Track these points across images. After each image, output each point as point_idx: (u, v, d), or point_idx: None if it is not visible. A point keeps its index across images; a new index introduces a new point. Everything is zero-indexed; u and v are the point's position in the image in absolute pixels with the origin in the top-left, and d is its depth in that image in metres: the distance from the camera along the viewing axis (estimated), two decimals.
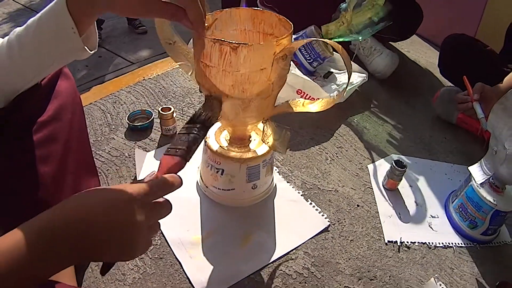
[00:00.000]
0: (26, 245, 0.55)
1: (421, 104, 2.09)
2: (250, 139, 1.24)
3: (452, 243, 1.39)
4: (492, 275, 1.29)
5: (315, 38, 1.80)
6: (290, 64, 1.05)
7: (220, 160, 1.16)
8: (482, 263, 1.33)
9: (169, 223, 1.15)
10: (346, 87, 1.13)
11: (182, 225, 1.19)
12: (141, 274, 1.07)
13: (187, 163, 0.79)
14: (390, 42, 2.44)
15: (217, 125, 1.26)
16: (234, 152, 1.17)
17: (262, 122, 1.13)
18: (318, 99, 1.16)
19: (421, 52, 2.58)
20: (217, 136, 1.22)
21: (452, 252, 1.35)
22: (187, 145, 0.81)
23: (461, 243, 1.40)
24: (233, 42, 0.86)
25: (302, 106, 1.15)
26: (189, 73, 1.14)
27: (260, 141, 1.21)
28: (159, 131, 1.51)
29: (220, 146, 1.18)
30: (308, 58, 1.88)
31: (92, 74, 3.67)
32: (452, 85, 2.06)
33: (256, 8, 1.08)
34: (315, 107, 1.14)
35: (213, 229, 1.20)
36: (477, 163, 1.40)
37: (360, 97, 1.95)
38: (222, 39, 0.86)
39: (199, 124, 0.88)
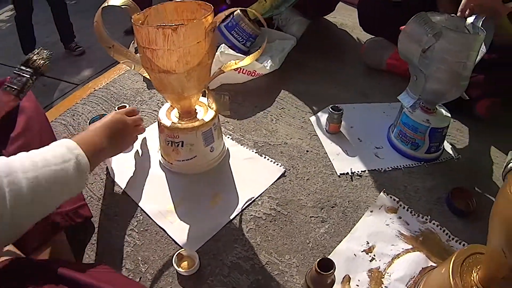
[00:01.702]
0: (99, 137, 1.07)
1: (351, 59, 2.25)
2: (196, 111, 1.37)
3: (400, 165, 1.54)
4: (443, 187, 1.43)
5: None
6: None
7: (178, 133, 1.30)
8: (432, 178, 1.48)
9: (146, 200, 1.32)
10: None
11: (157, 199, 1.32)
12: (132, 247, 1.19)
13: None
14: None
15: (166, 105, 1.40)
16: (187, 124, 1.31)
17: (203, 94, 1.30)
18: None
19: (347, 16, 2.73)
20: (168, 115, 1.35)
21: (402, 173, 1.50)
22: (21, 87, 1.11)
23: (409, 164, 1.55)
24: (173, 24, 1.04)
25: (234, 64, 1.34)
26: (132, 68, 1.30)
27: (205, 111, 1.37)
28: None
29: (173, 122, 1.32)
30: (240, 40, 2.02)
31: (41, 103, 3.70)
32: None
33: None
34: (245, 62, 1.34)
35: (183, 196, 1.33)
36: (403, 92, 1.54)
37: (294, 63, 2.10)
38: (164, 24, 1.03)
39: (32, 70, 1.15)
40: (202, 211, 1.28)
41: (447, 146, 1.65)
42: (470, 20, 1.40)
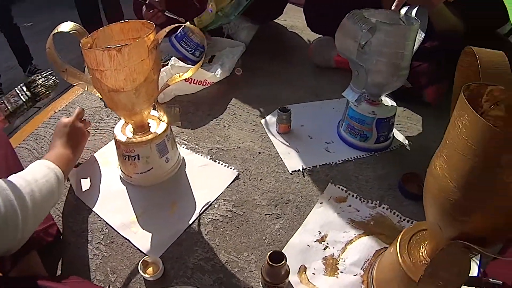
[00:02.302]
0: (64, 150, 1.32)
1: (301, 60, 2.33)
2: (149, 125, 1.44)
3: (351, 157, 1.61)
4: (395, 174, 1.50)
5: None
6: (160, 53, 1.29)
7: (133, 147, 1.37)
8: (383, 167, 1.56)
9: (110, 214, 1.38)
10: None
11: (120, 212, 1.38)
12: (100, 259, 1.25)
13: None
14: None
15: (121, 122, 1.46)
16: (141, 138, 1.37)
17: (154, 107, 1.37)
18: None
19: (297, 17, 2.79)
20: (123, 131, 1.42)
21: (353, 164, 1.58)
22: (14, 109, 1.17)
23: (359, 155, 1.62)
24: (116, 46, 1.12)
25: (178, 77, 1.42)
26: (86, 89, 1.36)
27: (158, 124, 1.44)
28: None
29: (128, 137, 1.39)
30: (189, 50, 2.08)
31: (5, 129, 3.68)
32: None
33: (123, 21, 1.31)
34: (187, 74, 1.42)
35: (144, 207, 1.39)
36: (347, 88, 1.60)
37: (245, 68, 2.16)
38: (109, 46, 1.11)
39: (31, 95, 1.22)
40: (162, 219, 1.35)
41: (397, 134, 1.72)
42: (404, 11, 1.46)
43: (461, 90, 0.82)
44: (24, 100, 1.17)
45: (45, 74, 1.29)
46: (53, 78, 1.30)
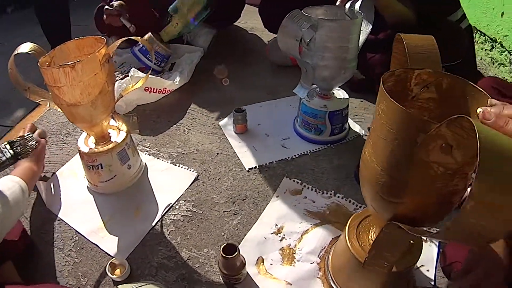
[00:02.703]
0: (28, 165, 1.39)
1: (259, 61, 2.43)
2: (110, 135, 1.51)
3: (306, 151, 1.69)
4: (351, 164, 1.58)
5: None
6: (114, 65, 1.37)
7: (96, 157, 1.44)
8: (339, 157, 1.63)
9: (79, 222, 1.44)
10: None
11: (89, 220, 1.44)
12: (72, 265, 1.31)
13: None
14: None
15: (83, 134, 1.53)
16: (103, 148, 1.44)
17: (112, 117, 1.45)
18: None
19: (257, 19, 2.84)
20: (86, 143, 1.49)
21: (309, 158, 1.65)
22: None
23: (315, 149, 1.69)
24: (70, 63, 1.19)
25: (131, 88, 1.50)
26: (48, 106, 1.43)
27: (118, 133, 1.51)
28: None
29: (91, 148, 1.46)
30: (156, 63, 2.17)
31: None
32: None
33: (78, 38, 1.39)
34: (138, 84, 1.50)
35: (110, 213, 1.46)
36: (298, 85, 1.67)
37: (204, 73, 2.26)
38: (63, 64, 1.19)
39: (13, 152, 1.29)
40: (127, 223, 1.42)
41: (354, 125, 1.79)
42: (349, 5, 1.53)
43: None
44: (7, 157, 1.27)
45: (26, 137, 1.37)
46: (31, 142, 1.38)
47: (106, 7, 2.09)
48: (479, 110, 0.67)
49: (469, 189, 0.56)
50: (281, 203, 1.47)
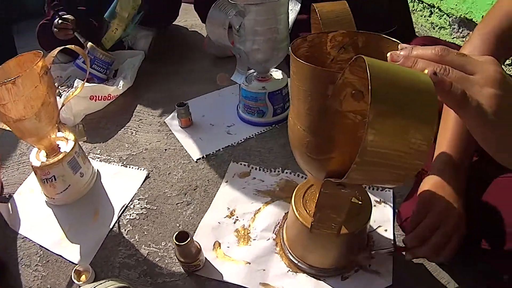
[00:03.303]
0: None
1: (200, 55, 2.49)
2: (59, 146, 1.55)
3: (252, 135, 1.75)
4: None
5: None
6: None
7: (48, 170, 1.47)
8: (284, 136, 1.68)
9: (42, 236, 1.47)
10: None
11: (50, 232, 1.48)
12: (40, 279, 1.34)
13: None
14: None
15: (34, 149, 1.56)
16: (53, 159, 1.48)
17: (58, 129, 1.49)
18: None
19: (196, 16, 2.90)
20: (37, 157, 1.52)
21: (255, 140, 1.72)
22: None
23: (260, 131, 1.76)
24: (10, 79, 1.22)
25: (71, 95, 1.56)
26: (2, 127, 1.45)
27: (66, 143, 1.55)
28: None
29: (42, 162, 1.49)
30: (101, 70, 2.21)
31: None
32: None
33: (22, 53, 1.42)
34: (76, 92, 1.57)
35: (70, 223, 1.50)
36: (235, 71, 1.73)
37: (147, 74, 2.31)
38: (4, 81, 1.22)
39: None
40: (87, 230, 1.46)
41: None
42: None
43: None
44: None
45: None
46: None
47: (59, 21, 2.10)
48: (388, 54, 0.68)
49: None
50: (231, 187, 1.52)
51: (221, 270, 1.26)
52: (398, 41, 0.83)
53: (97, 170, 1.69)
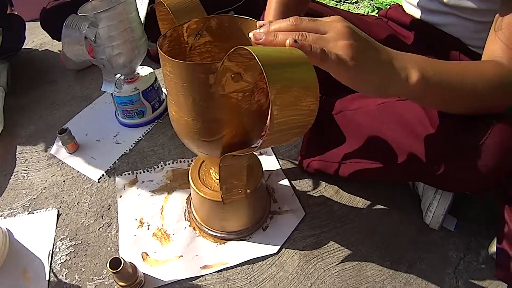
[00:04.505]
0: None
1: (60, 74, 2.46)
2: None
3: (139, 137, 1.82)
4: None
5: None
6: None
7: None
8: (170, 127, 1.77)
9: None
10: None
11: None
12: None
13: None
14: None
15: None
16: None
17: None
18: None
19: (43, 33, 2.81)
20: None
21: (145, 141, 1.80)
22: None
23: (146, 130, 1.84)
24: None
25: None
26: None
27: None
28: None
29: None
30: None
31: None
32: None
33: None
34: None
35: None
36: (103, 82, 1.70)
37: (14, 111, 2.21)
38: None
39: None
40: None
41: None
42: None
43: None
44: None
45: None
46: None
47: None
48: (250, 34, 0.78)
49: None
50: (128, 199, 1.57)
51: (161, 275, 1.31)
52: (249, 18, 0.97)
53: (6, 229, 1.62)
